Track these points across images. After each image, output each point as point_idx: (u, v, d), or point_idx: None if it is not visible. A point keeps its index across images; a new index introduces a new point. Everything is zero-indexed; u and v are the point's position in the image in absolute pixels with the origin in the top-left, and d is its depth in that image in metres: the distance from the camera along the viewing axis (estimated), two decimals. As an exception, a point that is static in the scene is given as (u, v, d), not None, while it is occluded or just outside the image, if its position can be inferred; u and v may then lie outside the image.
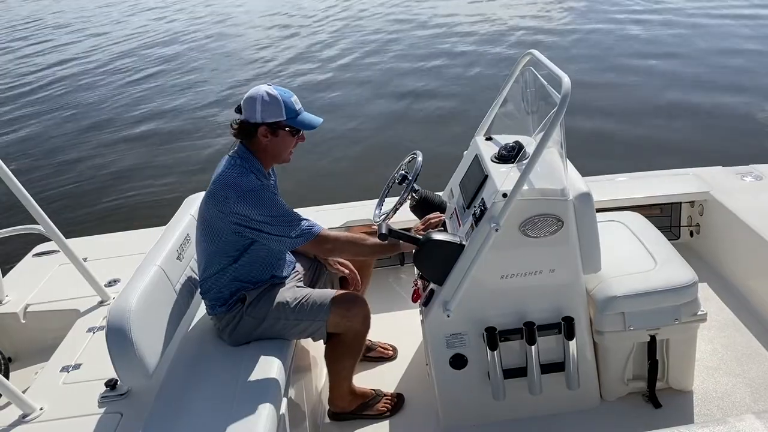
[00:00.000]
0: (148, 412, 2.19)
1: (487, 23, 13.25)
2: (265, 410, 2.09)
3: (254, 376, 2.27)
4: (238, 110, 2.39)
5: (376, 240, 2.40)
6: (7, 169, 2.75)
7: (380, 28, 13.75)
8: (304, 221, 2.37)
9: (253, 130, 2.37)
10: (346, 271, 2.81)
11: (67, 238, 3.06)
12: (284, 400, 2.24)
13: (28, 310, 3.16)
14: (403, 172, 2.76)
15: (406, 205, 2.77)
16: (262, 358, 2.35)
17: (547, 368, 2.48)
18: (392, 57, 11.28)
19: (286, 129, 2.38)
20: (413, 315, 2.77)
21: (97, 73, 12.28)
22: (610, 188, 3.55)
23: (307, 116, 2.42)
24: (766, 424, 1.88)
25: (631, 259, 2.61)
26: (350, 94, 9.47)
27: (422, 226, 2.70)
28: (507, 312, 2.43)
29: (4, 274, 3.30)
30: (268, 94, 2.34)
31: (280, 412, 2.16)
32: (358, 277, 2.83)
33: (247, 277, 2.46)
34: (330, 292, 2.50)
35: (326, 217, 3.51)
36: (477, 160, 2.69)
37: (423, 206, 2.77)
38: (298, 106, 2.40)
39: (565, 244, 2.35)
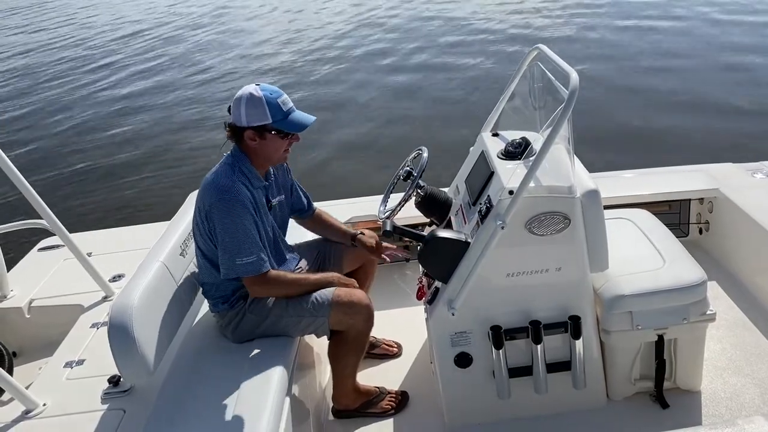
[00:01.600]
0: (150, 409, 2.18)
1: (494, 18, 13.17)
2: (268, 408, 2.07)
3: (257, 373, 2.25)
4: (230, 111, 2.31)
5: (317, 277, 2.47)
6: (11, 164, 2.74)
7: (386, 24, 13.70)
8: (257, 257, 2.27)
9: (240, 133, 2.30)
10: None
11: (71, 232, 3.05)
12: (287, 398, 2.22)
13: (32, 304, 3.16)
14: (408, 168, 2.73)
15: (412, 201, 2.74)
16: (266, 355, 2.34)
17: (553, 367, 2.46)
18: (397, 53, 11.22)
19: (273, 132, 2.29)
20: (418, 312, 2.75)
21: (102, 66, 12.28)
22: (618, 185, 3.51)
23: (296, 116, 2.30)
24: None
25: (639, 258, 2.58)
26: (353, 90, 9.42)
27: None
28: (513, 310, 2.41)
29: (8, 269, 3.30)
30: (252, 96, 2.23)
31: (284, 410, 2.15)
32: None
33: None
34: (333, 289, 2.48)
35: (331, 213, 3.49)
36: (483, 157, 2.66)
37: (428, 203, 2.74)
38: (287, 106, 2.28)
39: (571, 242, 2.32)
